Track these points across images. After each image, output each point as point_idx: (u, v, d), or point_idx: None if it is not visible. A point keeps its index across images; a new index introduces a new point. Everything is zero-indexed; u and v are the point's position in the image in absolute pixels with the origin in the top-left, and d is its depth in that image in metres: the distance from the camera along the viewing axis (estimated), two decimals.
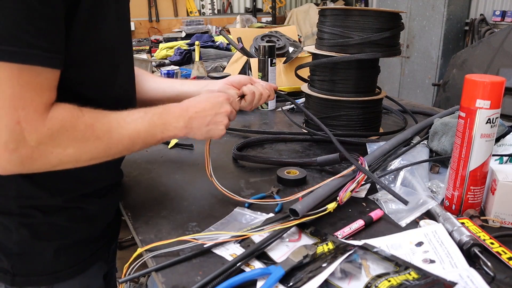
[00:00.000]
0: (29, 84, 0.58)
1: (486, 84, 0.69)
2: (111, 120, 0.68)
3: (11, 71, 0.56)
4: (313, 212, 0.72)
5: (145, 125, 0.71)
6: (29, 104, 0.58)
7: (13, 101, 0.57)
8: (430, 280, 0.57)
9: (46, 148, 0.60)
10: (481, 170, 0.75)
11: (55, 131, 0.60)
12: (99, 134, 0.65)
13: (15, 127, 0.57)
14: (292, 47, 1.83)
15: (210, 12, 5.86)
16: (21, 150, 0.58)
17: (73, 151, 0.63)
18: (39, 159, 0.60)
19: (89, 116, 0.65)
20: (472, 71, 3.19)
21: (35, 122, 0.58)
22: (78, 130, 0.63)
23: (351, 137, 1.14)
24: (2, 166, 0.59)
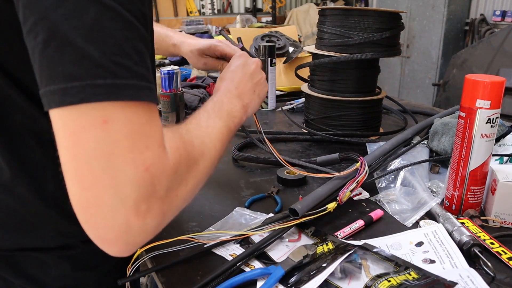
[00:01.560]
0: (145, 117, 0.43)
1: (486, 84, 0.69)
2: (199, 129, 0.58)
3: (125, 112, 0.41)
4: (312, 212, 0.72)
5: (220, 122, 0.62)
6: (152, 139, 0.43)
7: (134, 141, 0.41)
8: (430, 280, 0.57)
9: (173, 193, 0.46)
10: (481, 170, 0.75)
11: (178, 166, 0.46)
12: (202, 150, 0.54)
13: (145, 176, 0.41)
14: (292, 47, 1.83)
15: (210, 12, 5.86)
16: (154, 207, 0.42)
17: (192, 181, 0.51)
18: (169, 210, 0.46)
19: (184, 132, 0.53)
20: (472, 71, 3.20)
21: (163, 161, 0.43)
22: (190, 154, 0.50)
23: (351, 137, 1.14)
24: (132, 241, 0.42)
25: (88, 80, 0.39)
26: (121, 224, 0.40)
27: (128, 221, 0.40)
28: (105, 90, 0.40)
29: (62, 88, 0.39)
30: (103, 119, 0.39)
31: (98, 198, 0.40)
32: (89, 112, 0.39)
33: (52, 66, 0.39)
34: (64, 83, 0.39)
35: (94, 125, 0.39)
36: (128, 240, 0.42)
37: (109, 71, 0.40)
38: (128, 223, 0.40)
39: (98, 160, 0.39)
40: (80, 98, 0.39)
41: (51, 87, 0.39)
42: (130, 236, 0.41)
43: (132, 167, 0.40)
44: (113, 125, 0.40)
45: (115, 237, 0.41)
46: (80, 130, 0.39)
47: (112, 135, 0.40)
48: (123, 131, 0.40)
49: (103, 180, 0.39)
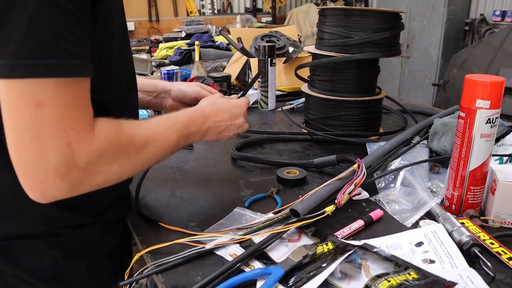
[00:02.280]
0: (75, 99, 0.53)
1: (486, 84, 0.69)
2: (147, 132, 0.66)
3: (57, 87, 0.51)
4: (310, 215, 0.72)
5: (174, 137, 0.70)
6: (77, 123, 0.53)
7: (61, 122, 0.51)
8: (430, 280, 0.57)
9: (94, 168, 0.56)
10: (481, 170, 0.75)
11: (103, 149, 0.56)
12: (139, 148, 0.63)
13: (66, 149, 0.52)
14: (292, 47, 1.83)
15: (210, 12, 5.86)
16: (71, 173, 0.53)
17: (117, 167, 0.60)
18: (87, 180, 0.56)
19: (128, 128, 0.62)
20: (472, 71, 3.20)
21: (86, 142, 0.54)
22: (122, 145, 0.60)
23: (351, 137, 1.14)
24: (50, 194, 0.54)
25: (30, 59, 0.49)
26: (41, 180, 0.52)
27: (46, 179, 0.52)
28: (44, 69, 0.49)
29: (10, 64, 0.49)
30: (37, 101, 0.50)
31: (27, 159, 0.52)
32: (29, 89, 0.49)
33: (2, 46, 0.49)
34: (11, 60, 0.49)
35: (29, 106, 0.50)
36: (44, 191, 0.54)
37: (48, 53, 0.49)
38: (46, 180, 0.52)
39: (31, 132, 0.51)
40: (23, 73, 0.49)
41: (0, 62, 0.49)
42: (46, 189, 0.53)
43: (57, 141, 0.51)
44: (45, 108, 0.50)
45: (36, 187, 0.53)
46: (18, 108, 0.50)
47: (43, 115, 0.50)
48: (53, 113, 0.51)
49: (32, 148, 0.51)
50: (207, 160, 1.07)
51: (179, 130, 0.72)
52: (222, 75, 1.67)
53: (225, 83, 1.66)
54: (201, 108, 0.80)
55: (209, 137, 0.80)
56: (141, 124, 0.66)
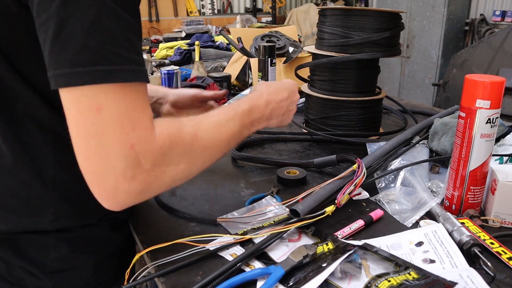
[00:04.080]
0: (134, 102, 0.53)
1: (486, 84, 0.69)
2: (210, 126, 0.65)
3: (116, 91, 0.51)
4: (310, 216, 0.72)
5: (238, 127, 0.69)
6: (138, 124, 0.52)
7: (121, 124, 0.51)
8: (430, 280, 0.57)
9: (161, 169, 0.55)
10: (481, 170, 0.75)
11: (166, 149, 0.56)
12: (205, 143, 0.62)
13: (130, 152, 0.51)
14: (292, 47, 1.83)
15: (210, 12, 5.86)
16: (139, 176, 0.53)
17: (185, 166, 0.59)
18: (155, 182, 0.56)
19: (189, 125, 0.61)
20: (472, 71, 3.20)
21: (148, 143, 0.53)
22: (186, 143, 0.59)
23: (351, 137, 1.14)
24: (122, 200, 0.54)
25: (89, 66, 0.49)
26: (111, 186, 0.52)
27: (116, 184, 0.52)
28: (102, 75, 0.50)
29: (68, 73, 0.49)
30: (97, 107, 0.50)
31: (95, 167, 0.52)
32: (88, 95, 0.50)
33: (61, 54, 0.49)
34: (70, 69, 0.49)
35: (90, 111, 0.50)
36: (117, 199, 0.54)
37: (106, 59, 0.50)
38: (117, 185, 0.52)
39: (94, 139, 0.50)
40: (83, 81, 0.49)
41: (59, 71, 0.49)
42: (118, 195, 0.53)
43: (120, 145, 0.51)
44: (105, 112, 0.50)
45: (108, 195, 0.53)
46: (79, 115, 0.50)
47: (103, 120, 0.50)
48: (113, 116, 0.51)
49: (97, 154, 0.51)
50: None
51: (242, 119, 0.71)
52: (222, 75, 1.67)
53: (225, 83, 1.66)
54: (259, 93, 0.78)
55: (274, 119, 0.79)
56: (202, 119, 0.65)
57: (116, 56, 0.51)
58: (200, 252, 0.67)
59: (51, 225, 0.68)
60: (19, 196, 0.67)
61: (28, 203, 0.67)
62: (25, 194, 0.66)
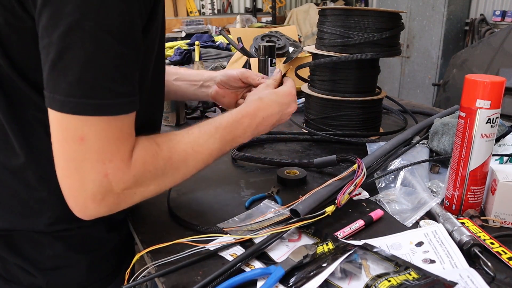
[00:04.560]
0: (115, 135, 0.56)
1: (486, 84, 0.69)
2: (187, 147, 0.66)
3: (101, 124, 0.55)
4: (310, 216, 0.72)
5: (217, 145, 0.70)
6: (115, 156, 0.57)
7: (100, 155, 0.55)
8: (430, 280, 0.57)
9: (130, 191, 0.60)
10: (481, 170, 0.75)
11: (139, 176, 0.60)
12: (177, 166, 0.65)
13: (103, 180, 0.56)
14: (292, 47, 1.83)
15: (210, 12, 5.86)
16: (108, 199, 0.58)
17: (154, 187, 0.63)
18: (124, 202, 0.61)
19: (166, 149, 0.64)
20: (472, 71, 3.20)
21: (122, 173, 0.57)
22: (158, 168, 0.62)
23: (351, 137, 1.14)
24: (90, 214, 0.59)
25: (81, 99, 0.53)
26: (81, 204, 0.58)
27: (85, 203, 0.57)
28: (91, 108, 0.54)
29: (62, 100, 0.53)
30: (81, 136, 0.54)
31: (70, 185, 0.57)
32: (75, 124, 0.54)
33: (57, 81, 0.53)
34: (64, 97, 0.53)
35: (74, 140, 0.55)
36: (86, 213, 0.59)
37: (97, 94, 0.53)
38: (86, 204, 0.58)
39: (74, 163, 0.56)
40: (72, 110, 0.53)
41: (54, 95, 0.53)
42: (87, 212, 0.59)
43: (95, 172, 0.56)
44: (87, 142, 0.55)
45: (78, 210, 0.59)
46: (64, 141, 0.55)
47: (84, 149, 0.55)
48: (94, 147, 0.55)
49: (74, 176, 0.56)
50: None
51: (222, 136, 0.71)
52: None
53: None
54: (247, 107, 0.78)
55: (262, 131, 0.80)
56: (180, 140, 0.67)
57: (107, 91, 0.54)
58: (200, 252, 0.67)
59: (46, 228, 0.69)
60: (19, 196, 0.67)
61: (27, 205, 0.67)
62: (25, 195, 0.67)
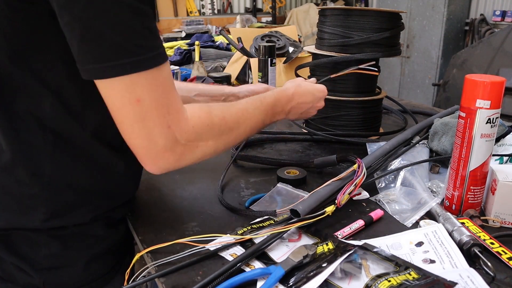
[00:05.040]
0: (164, 87, 0.61)
1: (486, 84, 0.69)
2: (238, 111, 0.75)
3: (149, 81, 0.58)
4: (310, 216, 0.72)
5: (262, 115, 0.80)
6: (172, 109, 0.62)
7: (159, 110, 0.60)
8: (430, 280, 0.57)
9: (193, 144, 0.66)
10: (481, 170, 0.75)
11: (198, 128, 0.66)
12: (231, 126, 0.72)
13: (168, 131, 0.61)
14: (292, 47, 1.83)
15: (210, 12, 5.86)
16: (176, 149, 0.63)
17: (213, 142, 0.69)
18: (189, 154, 0.66)
19: (218, 110, 0.71)
20: (472, 71, 3.20)
21: (182, 124, 0.63)
22: (214, 124, 0.69)
23: (351, 137, 1.14)
24: (163, 166, 0.65)
25: (119, 60, 0.56)
26: (154, 157, 0.63)
27: (157, 156, 0.63)
28: (130, 66, 0.56)
29: (104, 67, 0.56)
30: (136, 98, 0.58)
31: (140, 144, 0.62)
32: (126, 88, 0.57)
33: (91, 52, 0.55)
34: (101, 64, 0.56)
35: (131, 103, 0.58)
36: (159, 165, 0.64)
37: (131, 52, 0.56)
38: (158, 157, 0.63)
39: (138, 124, 0.60)
40: (115, 72, 0.56)
41: (92, 65, 0.56)
42: (160, 163, 0.64)
43: (159, 127, 0.61)
44: (144, 102, 0.59)
45: (152, 163, 0.64)
46: (123, 107, 0.59)
47: (144, 109, 0.59)
48: (151, 105, 0.59)
49: (142, 135, 0.61)
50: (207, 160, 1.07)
51: (266, 109, 0.81)
52: (222, 75, 1.68)
53: (225, 83, 1.66)
54: (287, 89, 0.89)
55: (292, 115, 0.90)
56: (231, 106, 0.75)
57: (139, 48, 0.57)
58: (200, 252, 0.67)
59: (42, 224, 0.68)
60: (12, 193, 0.66)
61: (21, 201, 0.67)
62: (18, 192, 0.66)
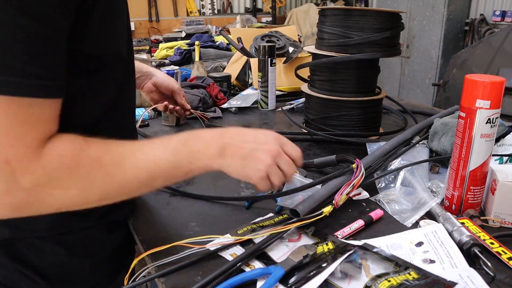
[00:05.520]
0: (19, 117, 0.50)
1: (486, 84, 0.69)
2: (125, 151, 0.58)
3: (3, 103, 0.48)
4: (308, 216, 0.72)
5: (168, 155, 0.60)
6: (19, 141, 0.50)
7: (0, 138, 0.49)
8: (430, 280, 0.57)
9: (44, 190, 0.52)
10: (481, 170, 0.75)
11: (52, 170, 0.52)
12: (109, 170, 0.56)
13: (4, 167, 0.49)
14: (292, 47, 1.83)
15: (210, 12, 5.86)
16: (14, 193, 0.50)
17: (78, 191, 0.55)
18: (36, 202, 0.53)
19: (96, 148, 0.56)
20: (472, 71, 3.20)
21: (28, 161, 0.50)
22: (81, 166, 0.54)
23: (351, 137, 1.14)
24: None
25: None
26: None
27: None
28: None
29: None
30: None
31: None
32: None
33: None
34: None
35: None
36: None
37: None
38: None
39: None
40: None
41: None
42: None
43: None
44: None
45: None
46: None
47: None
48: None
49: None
50: None
51: (176, 147, 0.61)
52: (222, 75, 1.67)
53: (225, 83, 1.66)
54: (215, 129, 0.68)
55: (231, 161, 0.63)
56: (119, 143, 0.58)
57: (8, 68, 0.47)
58: (200, 252, 0.66)
59: (47, 231, 0.68)
60: None
61: None
62: None
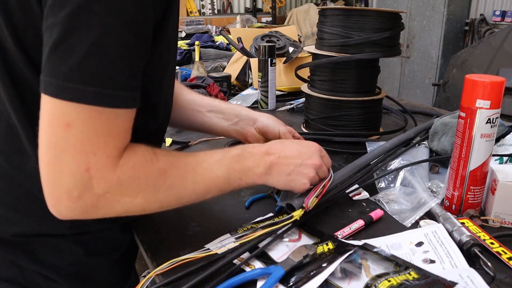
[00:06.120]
0: (107, 128, 0.52)
1: (486, 84, 0.69)
2: (187, 165, 0.62)
3: (92, 113, 0.50)
4: (279, 220, 0.72)
5: (223, 171, 0.64)
6: (102, 149, 0.52)
7: (84, 145, 0.51)
8: (430, 280, 0.57)
9: (114, 197, 0.55)
10: (481, 170, 0.75)
11: (125, 179, 0.54)
12: (172, 183, 0.59)
13: (83, 174, 0.51)
14: (292, 47, 1.83)
15: (210, 12, 5.86)
16: (85, 198, 0.53)
17: (142, 200, 0.57)
18: (104, 208, 0.55)
19: (164, 161, 0.59)
20: (472, 71, 3.19)
21: (106, 170, 0.53)
22: (150, 178, 0.57)
23: (351, 137, 1.14)
24: (61, 213, 0.54)
25: (81, 85, 0.49)
26: (56, 198, 0.53)
27: (60, 198, 0.53)
28: (92, 96, 0.50)
29: (59, 85, 0.49)
30: (67, 122, 0.50)
31: (48, 174, 0.53)
32: (64, 110, 0.50)
33: (56, 65, 0.49)
34: (62, 81, 0.49)
35: (59, 125, 0.50)
36: (58, 209, 0.54)
37: (99, 82, 0.50)
38: (60, 199, 0.53)
39: (55, 150, 0.51)
40: (70, 97, 0.49)
41: (51, 80, 0.50)
42: (59, 207, 0.54)
43: (75, 164, 0.51)
44: (72, 129, 0.50)
45: (51, 203, 0.54)
46: (50, 125, 0.51)
47: (69, 137, 0.50)
48: (79, 136, 0.51)
49: (53, 165, 0.52)
50: None
51: (230, 164, 0.65)
52: (222, 75, 1.68)
53: (225, 83, 1.66)
54: (263, 144, 0.72)
55: (277, 178, 0.69)
56: (182, 157, 0.62)
57: (110, 81, 0.50)
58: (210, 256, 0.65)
59: (68, 230, 0.67)
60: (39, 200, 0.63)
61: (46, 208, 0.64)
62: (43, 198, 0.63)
